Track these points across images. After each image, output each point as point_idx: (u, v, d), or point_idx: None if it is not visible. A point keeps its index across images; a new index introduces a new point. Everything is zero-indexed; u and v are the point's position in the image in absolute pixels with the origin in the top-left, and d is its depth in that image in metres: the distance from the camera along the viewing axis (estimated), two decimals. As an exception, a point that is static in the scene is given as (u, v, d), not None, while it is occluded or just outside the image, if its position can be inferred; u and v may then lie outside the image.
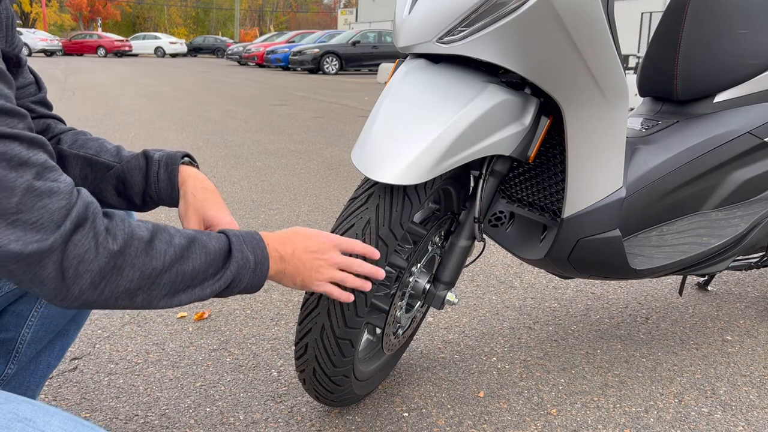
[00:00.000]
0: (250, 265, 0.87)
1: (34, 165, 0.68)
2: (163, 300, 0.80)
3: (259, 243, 0.90)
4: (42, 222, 0.68)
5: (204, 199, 1.03)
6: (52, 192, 0.69)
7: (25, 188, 0.67)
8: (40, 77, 1.07)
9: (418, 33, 1.18)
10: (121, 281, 0.75)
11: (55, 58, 27.11)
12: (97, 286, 0.73)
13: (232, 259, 0.85)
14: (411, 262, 1.32)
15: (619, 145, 1.32)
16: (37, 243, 0.67)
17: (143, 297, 0.78)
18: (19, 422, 0.66)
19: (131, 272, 0.75)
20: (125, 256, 0.74)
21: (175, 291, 0.80)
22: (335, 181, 3.92)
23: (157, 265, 0.77)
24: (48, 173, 0.70)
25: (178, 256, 0.80)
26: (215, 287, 0.84)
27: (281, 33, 28.50)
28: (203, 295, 0.84)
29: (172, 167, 1.05)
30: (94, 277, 0.72)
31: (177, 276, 0.80)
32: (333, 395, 1.31)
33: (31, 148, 0.69)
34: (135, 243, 0.76)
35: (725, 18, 1.59)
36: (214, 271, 0.84)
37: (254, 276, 0.88)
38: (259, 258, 0.89)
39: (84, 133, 1.10)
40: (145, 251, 0.76)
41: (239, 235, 0.88)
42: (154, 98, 9.25)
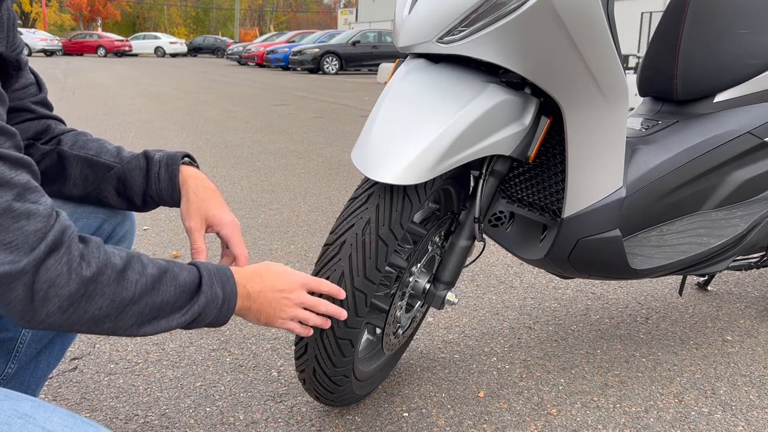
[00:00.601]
0: (218, 301, 0.87)
1: (15, 186, 0.68)
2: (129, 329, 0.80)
3: (229, 279, 0.89)
4: (16, 243, 0.67)
5: (206, 198, 1.04)
6: (30, 214, 0.69)
7: (4, 209, 0.67)
8: (40, 77, 1.07)
9: (418, 33, 1.18)
10: (90, 308, 0.74)
11: (55, 58, 27.11)
12: (65, 312, 0.72)
13: (201, 294, 0.85)
14: (411, 262, 1.32)
15: (619, 145, 1.32)
16: (9, 265, 0.67)
17: (109, 325, 0.77)
18: (19, 419, 0.66)
19: (101, 300, 0.75)
20: (97, 283, 0.74)
21: (142, 322, 0.80)
22: (335, 181, 3.92)
23: (127, 295, 0.77)
24: (29, 194, 0.70)
25: (149, 287, 0.79)
26: (181, 321, 0.84)
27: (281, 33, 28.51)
28: (168, 327, 0.83)
29: (173, 167, 1.05)
30: (63, 302, 0.72)
31: (146, 307, 0.79)
32: (333, 395, 1.31)
33: (14, 169, 0.69)
34: (108, 271, 0.75)
35: (725, 18, 1.59)
36: (182, 304, 0.83)
37: (220, 312, 0.88)
38: (228, 294, 0.89)
39: (84, 133, 1.10)
40: (117, 280, 0.76)
41: (210, 270, 0.88)
42: (154, 98, 9.25)
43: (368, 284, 1.16)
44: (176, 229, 2.81)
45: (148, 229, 2.83)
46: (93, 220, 1.10)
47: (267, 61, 20.80)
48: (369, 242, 1.14)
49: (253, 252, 2.55)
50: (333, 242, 1.17)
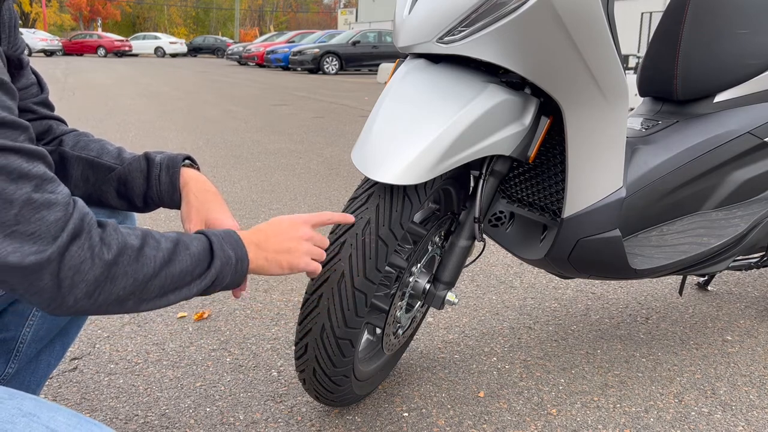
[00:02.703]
0: (232, 261, 0.89)
1: (33, 177, 0.70)
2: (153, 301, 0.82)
3: (237, 241, 0.92)
4: (39, 233, 0.69)
5: (206, 201, 1.04)
6: (50, 204, 0.70)
7: (24, 200, 0.68)
8: (42, 78, 1.07)
9: (418, 33, 1.18)
10: (115, 289, 0.76)
11: (55, 58, 27.11)
12: (92, 295, 0.74)
13: (215, 257, 0.87)
14: (411, 262, 1.32)
15: (619, 145, 1.32)
16: (35, 255, 0.69)
17: (134, 301, 0.80)
18: (23, 417, 0.66)
19: (124, 280, 0.77)
20: (119, 264, 0.76)
21: (164, 293, 0.82)
22: (335, 181, 3.92)
23: (148, 271, 0.79)
24: (46, 185, 0.71)
25: (166, 260, 0.81)
26: (201, 286, 0.86)
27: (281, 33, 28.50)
28: (189, 295, 0.86)
29: (174, 170, 1.05)
30: (89, 287, 0.73)
31: (166, 279, 0.82)
32: (333, 395, 1.31)
33: (30, 161, 0.70)
34: (128, 251, 0.77)
35: (725, 18, 1.59)
36: (201, 271, 0.86)
37: (236, 272, 0.90)
38: (240, 254, 0.91)
39: (86, 134, 1.10)
40: (137, 258, 0.78)
41: (218, 234, 0.90)
42: (154, 98, 9.25)
43: (368, 284, 1.16)
44: (176, 230, 2.82)
45: (148, 229, 2.83)
46: None
47: (267, 61, 20.80)
48: (369, 242, 1.14)
49: (253, 252, 2.55)
50: (333, 242, 1.17)
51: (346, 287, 1.15)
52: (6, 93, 0.70)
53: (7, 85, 0.70)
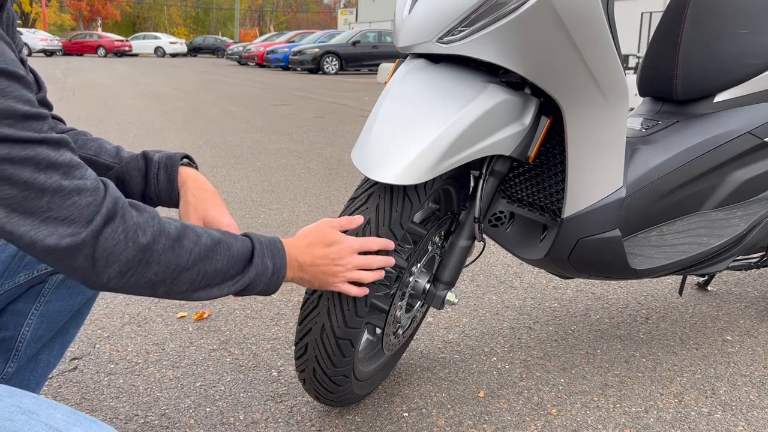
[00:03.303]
0: (268, 272, 0.92)
1: (61, 165, 0.73)
2: (184, 294, 0.85)
3: (279, 252, 0.95)
4: (73, 217, 0.73)
5: (204, 200, 1.04)
6: (80, 189, 0.74)
7: (55, 188, 0.71)
8: (40, 77, 1.07)
9: (418, 33, 1.18)
10: (146, 273, 0.79)
11: (55, 58, 27.11)
12: (124, 275, 0.78)
13: (252, 265, 0.90)
14: (411, 262, 1.32)
15: (619, 145, 1.32)
16: (71, 237, 0.72)
17: (165, 289, 0.83)
18: (22, 414, 0.67)
19: (157, 266, 0.80)
20: (153, 251, 0.79)
21: (196, 288, 0.85)
22: (335, 181, 3.92)
23: (182, 262, 0.82)
24: (74, 171, 0.74)
25: (202, 255, 0.84)
26: (232, 288, 0.89)
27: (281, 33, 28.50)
28: (220, 294, 0.88)
29: (172, 169, 1.05)
30: (122, 267, 0.77)
31: (198, 274, 0.84)
32: (333, 395, 1.31)
33: (57, 149, 0.73)
34: (163, 239, 0.80)
35: (725, 18, 1.59)
36: (234, 274, 0.88)
37: (269, 283, 0.93)
38: (278, 267, 0.94)
39: (84, 133, 1.10)
40: (172, 248, 0.81)
41: (262, 242, 0.93)
42: (154, 98, 9.25)
43: (368, 284, 1.16)
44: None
45: (148, 229, 2.83)
46: None
47: (267, 61, 20.80)
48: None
49: (253, 252, 2.55)
50: (333, 242, 1.17)
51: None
52: (25, 86, 0.72)
53: (25, 79, 0.72)
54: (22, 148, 0.69)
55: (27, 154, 0.69)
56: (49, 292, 1.11)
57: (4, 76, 0.68)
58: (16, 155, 0.68)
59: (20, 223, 0.70)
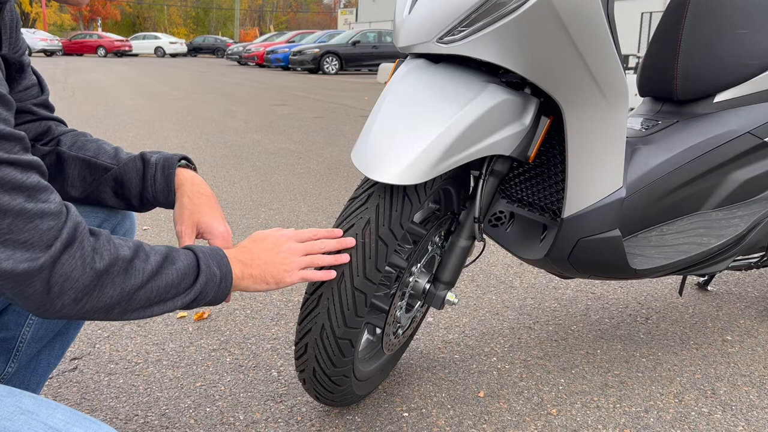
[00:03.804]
0: (216, 278, 0.91)
1: (26, 188, 0.71)
2: (137, 312, 0.84)
3: (222, 258, 0.94)
4: (32, 242, 0.71)
5: (199, 204, 1.04)
6: (43, 213, 0.72)
7: (17, 211, 0.70)
8: (42, 79, 1.07)
9: (418, 33, 1.18)
10: (102, 297, 0.78)
11: (55, 58, 27.11)
12: (79, 302, 0.76)
13: (201, 274, 0.89)
14: (411, 262, 1.32)
15: (619, 145, 1.32)
16: (28, 262, 0.71)
17: (119, 311, 0.82)
18: (22, 414, 0.67)
19: (112, 290, 0.79)
20: (108, 274, 0.78)
21: (149, 305, 0.84)
22: (335, 181, 3.92)
23: (135, 282, 0.81)
24: (39, 194, 0.73)
25: (153, 273, 0.83)
26: (184, 300, 0.88)
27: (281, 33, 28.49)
28: (173, 308, 0.88)
29: (169, 170, 1.06)
30: (78, 294, 0.76)
31: (152, 292, 0.83)
32: (333, 395, 1.31)
33: (25, 171, 0.71)
34: (119, 263, 0.79)
35: (725, 18, 1.59)
36: (186, 286, 0.87)
37: (219, 289, 0.92)
38: (224, 272, 0.93)
39: (83, 134, 1.11)
40: (126, 270, 0.80)
41: (204, 251, 0.92)
42: (154, 98, 9.25)
43: (368, 284, 1.16)
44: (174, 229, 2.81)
45: (148, 229, 2.83)
46: (93, 219, 1.11)
47: (267, 61, 20.79)
48: (369, 242, 1.14)
49: (253, 252, 2.55)
50: (333, 242, 1.17)
51: (346, 287, 1.15)
52: (3, 105, 0.71)
53: (5, 97, 0.71)
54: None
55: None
56: None
57: None
58: None
59: None
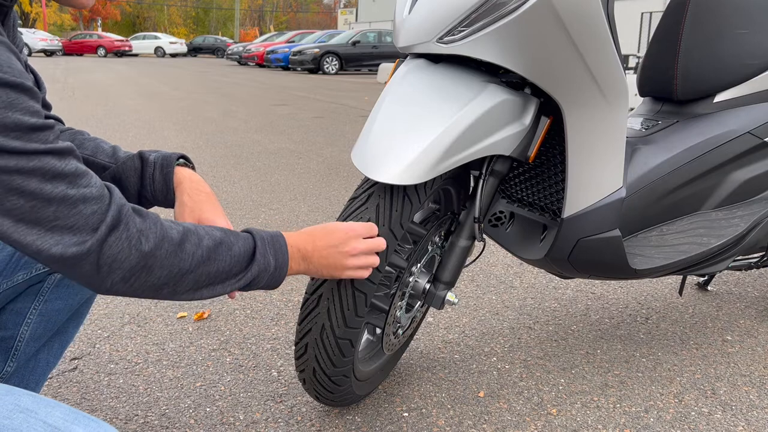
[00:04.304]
0: (270, 268, 0.94)
1: (66, 175, 0.74)
2: (186, 294, 0.87)
3: (281, 247, 0.96)
4: (78, 226, 0.74)
5: (199, 201, 1.04)
6: (86, 198, 0.75)
7: (61, 198, 0.73)
8: (40, 77, 1.07)
9: (418, 33, 1.18)
10: (150, 278, 0.81)
11: (55, 58, 27.11)
12: (128, 281, 0.79)
13: (254, 263, 0.91)
14: (411, 262, 1.32)
15: (619, 145, 1.32)
16: (77, 246, 0.74)
17: (168, 290, 0.84)
18: (21, 413, 0.67)
19: (160, 271, 0.81)
20: (156, 257, 0.81)
21: (198, 287, 0.87)
22: (335, 181, 3.92)
23: (185, 266, 0.84)
24: (80, 180, 0.75)
25: (204, 257, 0.86)
26: (235, 286, 0.91)
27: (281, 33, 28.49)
28: (223, 292, 0.90)
29: (168, 169, 1.06)
30: (125, 273, 0.79)
31: (201, 276, 0.86)
32: (333, 395, 1.31)
33: (63, 159, 0.74)
34: (165, 245, 0.82)
35: (725, 18, 1.59)
36: (237, 272, 0.90)
37: (272, 278, 0.95)
38: (280, 262, 0.95)
39: (81, 132, 1.11)
40: (175, 252, 0.83)
41: (264, 238, 0.95)
42: (154, 98, 9.25)
43: (368, 284, 1.16)
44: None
45: (148, 229, 2.82)
46: None
47: (267, 61, 20.79)
48: (369, 242, 1.14)
49: (253, 252, 2.55)
50: (333, 242, 1.17)
51: (346, 287, 1.15)
52: (32, 98, 0.73)
53: (32, 90, 0.73)
54: (29, 160, 0.70)
55: (34, 165, 0.70)
56: (47, 291, 1.11)
57: (12, 89, 0.69)
58: (24, 166, 0.70)
59: (27, 232, 0.72)
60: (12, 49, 0.73)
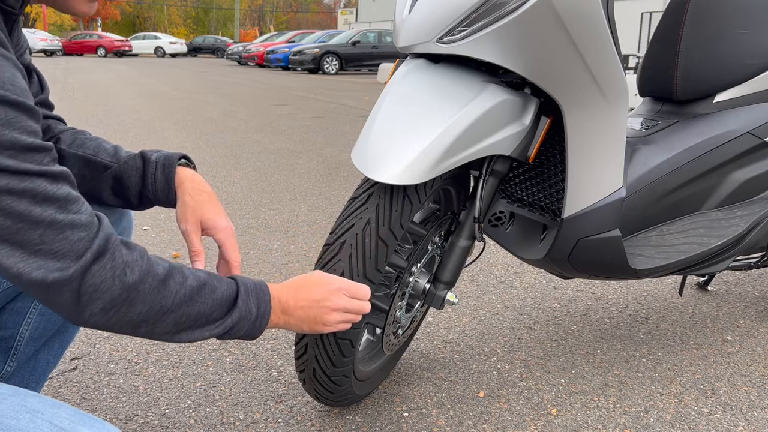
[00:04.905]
0: (252, 316, 0.91)
1: (57, 199, 0.72)
2: (165, 336, 0.84)
3: (264, 296, 0.93)
4: (63, 252, 0.72)
5: (201, 201, 1.04)
6: (74, 224, 0.73)
7: (49, 222, 0.71)
8: (43, 77, 1.07)
9: (418, 33, 1.18)
10: (130, 313, 0.78)
11: (55, 58, 27.11)
12: (107, 313, 0.77)
13: (236, 309, 0.89)
14: (411, 262, 1.32)
15: (619, 145, 1.32)
16: (59, 272, 0.71)
17: (147, 329, 0.81)
18: (27, 413, 0.67)
19: (141, 306, 0.79)
20: (139, 290, 0.78)
21: (178, 330, 0.84)
22: (335, 181, 3.92)
23: (166, 303, 0.81)
24: (70, 206, 0.73)
25: (187, 297, 0.83)
26: (214, 332, 0.88)
27: (281, 33, 28.49)
28: (202, 337, 0.87)
29: (169, 169, 1.06)
30: (106, 305, 0.76)
31: (182, 317, 0.83)
32: (333, 395, 1.31)
33: (55, 183, 0.72)
34: (150, 280, 0.79)
35: (725, 18, 1.59)
36: (218, 317, 0.87)
37: (252, 327, 0.92)
38: (262, 311, 0.92)
39: (83, 132, 1.11)
40: (158, 288, 0.80)
41: (248, 285, 0.92)
42: (154, 98, 9.25)
43: (368, 284, 1.16)
44: (176, 230, 2.81)
45: (148, 229, 2.83)
46: None
47: (267, 61, 20.79)
48: (369, 242, 1.14)
49: (254, 252, 2.55)
50: (333, 242, 1.17)
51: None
52: (31, 117, 0.71)
53: (33, 109, 0.72)
54: (21, 180, 0.68)
55: (25, 187, 0.69)
56: None
57: (12, 107, 0.68)
58: (15, 187, 0.68)
59: (9, 254, 0.70)
60: (17, 65, 0.72)
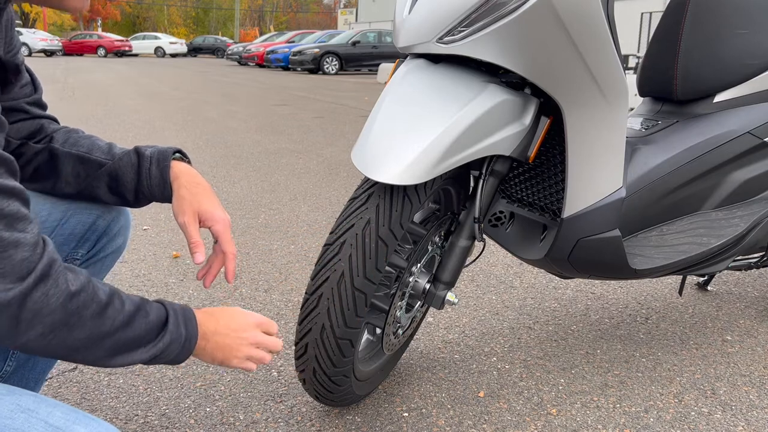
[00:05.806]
0: (181, 339, 0.89)
1: (5, 216, 0.69)
2: (101, 360, 0.82)
3: (191, 320, 0.92)
4: (5, 272, 0.68)
5: (197, 194, 1.04)
6: (18, 243, 0.70)
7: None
8: (36, 77, 1.07)
9: (418, 33, 1.18)
10: (68, 338, 0.76)
11: (55, 58, 27.11)
12: (46, 337, 0.74)
13: (167, 332, 0.87)
14: (411, 262, 1.32)
15: (619, 145, 1.32)
16: None
17: (83, 354, 0.79)
18: (22, 413, 0.67)
19: (80, 332, 0.76)
20: (81, 316, 0.76)
21: (113, 354, 0.82)
22: (335, 181, 3.92)
23: (105, 329, 0.79)
24: (17, 224, 0.70)
25: (124, 323, 0.81)
26: (146, 355, 0.86)
27: (281, 33, 28.49)
28: (134, 361, 0.85)
29: (164, 164, 1.06)
30: (45, 330, 0.73)
31: (118, 341, 0.81)
32: (333, 395, 1.31)
33: (6, 199, 0.69)
34: (93, 306, 0.77)
35: (725, 18, 1.59)
36: (150, 339, 0.85)
37: (182, 350, 0.90)
38: (190, 333, 0.91)
39: (76, 130, 1.11)
40: (99, 314, 0.78)
41: (176, 309, 0.90)
42: (154, 98, 9.25)
43: (368, 284, 1.16)
44: (176, 229, 2.81)
45: (148, 229, 2.83)
46: (87, 216, 1.10)
47: (267, 62, 20.79)
48: (369, 242, 1.14)
49: (254, 252, 2.55)
50: (333, 242, 1.17)
51: (346, 287, 1.15)
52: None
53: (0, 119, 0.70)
54: None
55: None
56: None
57: None
58: None
59: None
60: None
